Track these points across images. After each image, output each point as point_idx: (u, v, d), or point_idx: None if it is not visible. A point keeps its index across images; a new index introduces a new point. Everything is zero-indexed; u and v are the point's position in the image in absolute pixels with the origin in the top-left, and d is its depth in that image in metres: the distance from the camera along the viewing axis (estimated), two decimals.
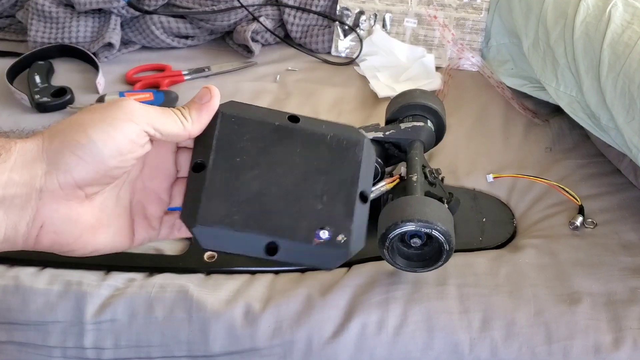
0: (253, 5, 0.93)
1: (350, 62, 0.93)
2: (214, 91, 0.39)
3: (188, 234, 0.40)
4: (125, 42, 0.93)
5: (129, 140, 0.36)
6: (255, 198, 0.37)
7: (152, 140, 0.38)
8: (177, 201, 0.43)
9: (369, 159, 0.39)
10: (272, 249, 0.37)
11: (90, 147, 0.35)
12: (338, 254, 0.38)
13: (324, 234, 0.37)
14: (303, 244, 0.37)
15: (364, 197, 0.39)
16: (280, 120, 0.38)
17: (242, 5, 0.91)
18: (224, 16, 0.92)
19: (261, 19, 0.93)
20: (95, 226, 0.39)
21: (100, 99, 0.80)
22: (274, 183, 0.37)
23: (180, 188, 0.42)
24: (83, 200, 0.37)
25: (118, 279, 0.59)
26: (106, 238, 0.40)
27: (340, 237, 0.37)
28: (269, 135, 0.38)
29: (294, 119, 0.38)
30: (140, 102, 0.37)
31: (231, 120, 0.37)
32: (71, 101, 0.82)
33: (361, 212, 0.38)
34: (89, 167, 0.35)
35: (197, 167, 0.38)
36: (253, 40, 0.92)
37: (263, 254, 0.37)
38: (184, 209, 0.38)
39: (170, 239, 0.44)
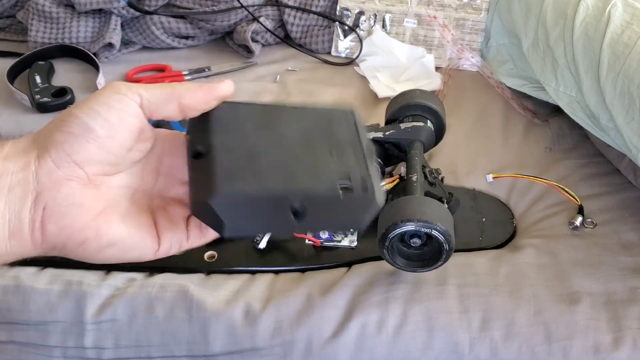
0: (253, 6, 0.93)
1: (350, 62, 0.93)
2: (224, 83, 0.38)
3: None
4: (125, 42, 0.93)
5: (113, 109, 0.35)
6: (268, 165, 0.35)
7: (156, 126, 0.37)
8: None
9: (361, 125, 0.39)
10: (298, 213, 0.35)
11: (76, 121, 0.34)
12: (365, 203, 0.36)
13: (347, 184, 0.35)
14: (329, 198, 0.35)
15: (370, 156, 0.38)
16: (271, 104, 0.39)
17: (242, 6, 0.91)
18: (224, 16, 0.92)
19: (261, 20, 0.93)
20: (106, 214, 0.36)
21: None
22: (282, 151, 0.36)
23: None
24: (86, 183, 0.35)
25: (118, 278, 0.60)
26: (122, 232, 0.36)
27: (363, 183, 0.36)
28: (264, 114, 0.38)
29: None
30: None
31: (224, 106, 0.37)
32: (72, 101, 0.82)
33: (373, 168, 0.37)
34: (80, 140, 0.34)
35: (198, 154, 0.36)
36: (253, 40, 0.92)
37: (290, 219, 0.34)
38: (194, 195, 0.35)
39: (202, 243, 0.40)
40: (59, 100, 0.81)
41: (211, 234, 0.40)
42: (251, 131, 0.36)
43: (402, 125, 0.66)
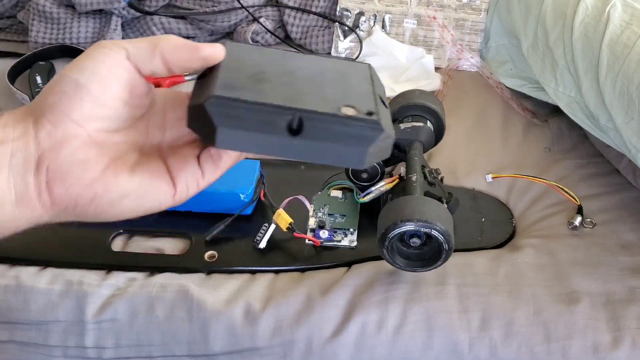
0: (253, 6, 0.93)
1: None
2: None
3: (234, 158, 0.37)
4: None
5: (101, 62, 0.35)
6: (272, 85, 0.34)
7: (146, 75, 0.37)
8: None
9: (377, 78, 0.38)
10: (294, 129, 0.32)
11: (66, 80, 0.34)
12: (370, 130, 0.33)
13: (350, 110, 0.33)
14: (329, 117, 0.32)
15: (382, 101, 0.36)
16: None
17: (242, 6, 0.91)
18: (224, 17, 0.92)
19: (261, 20, 0.93)
20: (113, 167, 0.35)
21: None
22: (289, 79, 0.35)
23: None
24: (88, 141, 0.35)
25: (119, 278, 0.60)
26: (133, 181, 0.35)
27: (369, 109, 0.33)
28: (276, 55, 0.37)
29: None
30: None
31: (234, 46, 0.36)
32: None
33: (384, 110, 0.35)
34: (73, 97, 0.34)
35: (203, 74, 0.35)
36: (253, 41, 0.92)
37: (285, 134, 0.32)
38: (189, 103, 0.34)
39: (217, 176, 0.39)
40: None
41: (224, 163, 0.38)
42: (260, 62, 0.35)
43: (402, 126, 0.66)
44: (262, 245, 0.62)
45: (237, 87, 0.33)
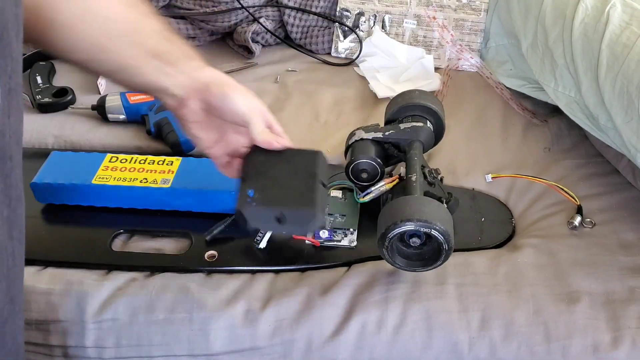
0: (253, 7, 0.93)
1: (350, 62, 0.93)
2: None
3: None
4: None
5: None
6: (266, 187, 0.54)
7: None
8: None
9: (322, 162, 0.57)
10: (280, 219, 0.53)
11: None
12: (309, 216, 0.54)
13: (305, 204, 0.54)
14: (296, 210, 0.54)
15: (323, 184, 0.55)
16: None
17: (243, 7, 0.91)
18: (224, 17, 0.92)
19: (261, 20, 0.93)
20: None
21: (102, 100, 0.80)
22: (274, 181, 0.55)
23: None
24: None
25: (119, 278, 0.60)
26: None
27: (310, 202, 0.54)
28: (271, 158, 0.56)
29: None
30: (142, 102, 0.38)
31: (256, 151, 0.56)
32: (73, 101, 0.82)
33: (322, 193, 0.55)
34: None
35: (242, 179, 0.55)
36: (253, 41, 0.92)
37: (275, 223, 0.53)
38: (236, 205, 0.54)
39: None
40: (60, 100, 0.81)
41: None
42: (263, 170, 0.55)
43: (402, 126, 0.67)
44: (263, 245, 0.62)
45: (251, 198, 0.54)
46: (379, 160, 0.65)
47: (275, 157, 0.56)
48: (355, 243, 0.63)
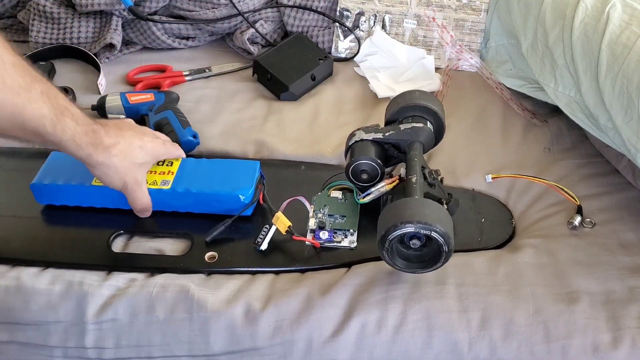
0: (252, 11, 0.93)
1: (350, 58, 0.93)
2: None
3: None
4: (126, 43, 0.93)
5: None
6: None
7: None
8: None
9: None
10: None
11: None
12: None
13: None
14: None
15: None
16: None
17: (240, 13, 0.91)
18: (223, 20, 0.92)
19: (261, 21, 0.93)
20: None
21: (102, 100, 0.80)
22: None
23: None
24: None
25: (119, 279, 0.60)
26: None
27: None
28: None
29: None
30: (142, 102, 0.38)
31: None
32: (73, 101, 0.82)
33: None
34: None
35: None
36: (252, 43, 0.92)
37: None
38: None
39: None
40: None
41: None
42: None
43: (402, 126, 0.67)
44: (264, 247, 0.62)
45: None
46: (379, 161, 0.65)
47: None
48: (355, 244, 0.63)
